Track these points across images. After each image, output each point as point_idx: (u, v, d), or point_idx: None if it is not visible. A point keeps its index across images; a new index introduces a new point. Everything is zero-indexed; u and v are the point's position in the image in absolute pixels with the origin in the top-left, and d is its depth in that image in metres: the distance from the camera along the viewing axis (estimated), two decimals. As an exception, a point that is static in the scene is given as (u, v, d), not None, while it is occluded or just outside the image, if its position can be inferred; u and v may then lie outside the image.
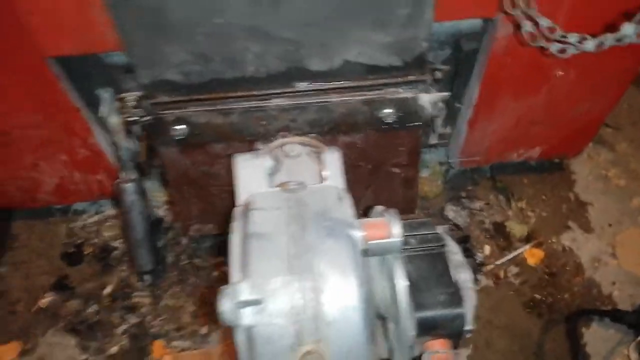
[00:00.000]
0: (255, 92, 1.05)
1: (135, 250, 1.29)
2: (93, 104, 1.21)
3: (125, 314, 1.41)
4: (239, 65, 1.00)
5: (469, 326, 0.80)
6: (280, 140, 1.09)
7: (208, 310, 1.40)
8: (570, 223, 1.53)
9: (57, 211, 1.59)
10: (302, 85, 1.05)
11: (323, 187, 0.85)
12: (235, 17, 0.90)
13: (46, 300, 1.43)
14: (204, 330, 1.38)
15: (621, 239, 1.48)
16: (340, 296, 0.69)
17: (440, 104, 1.08)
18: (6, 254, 1.51)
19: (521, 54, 1.10)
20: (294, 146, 1.05)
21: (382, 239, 0.73)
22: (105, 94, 1.20)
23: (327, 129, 1.10)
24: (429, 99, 1.07)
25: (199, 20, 0.90)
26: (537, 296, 1.40)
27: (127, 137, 1.21)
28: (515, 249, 1.46)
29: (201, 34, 0.92)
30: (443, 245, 0.85)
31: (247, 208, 0.79)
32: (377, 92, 1.06)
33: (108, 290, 1.45)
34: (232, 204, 1.21)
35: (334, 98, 1.06)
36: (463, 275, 0.84)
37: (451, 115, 1.33)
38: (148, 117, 1.06)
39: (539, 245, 1.47)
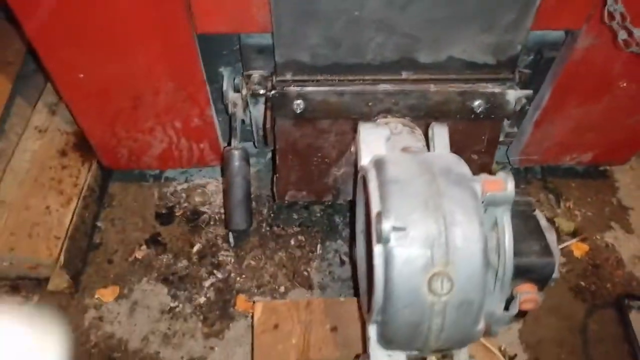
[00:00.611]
0: (368, 77, 1.24)
1: (234, 210, 1.46)
2: (212, 79, 1.41)
3: (211, 270, 1.57)
4: (361, 52, 1.18)
5: (556, 274, 0.97)
6: (383, 120, 1.27)
7: (286, 271, 1.57)
8: (613, 224, 1.70)
9: (151, 177, 1.77)
10: (408, 74, 1.23)
11: (440, 152, 1.03)
12: (371, 11, 1.09)
13: (141, 252, 1.60)
14: (282, 289, 1.54)
15: (659, 240, 1.64)
16: (465, 230, 0.86)
17: (524, 100, 1.26)
18: (104, 211, 1.69)
19: (594, 64, 1.29)
20: (397, 124, 1.23)
21: (497, 192, 0.90)
22: (227, 72, 1.39)
23: (423, 114, 1.27)
24: (514, 95, 1.25)
25: (342, 10, 1.08)
26: (582, 283, 1.57)
27: (244, 111, 1.40)
28: (563, 242, 1.63)
29: (340, 23, 1.11)
30: (534, 210, 1.03)
31: (380, 163, 0.97)
32: (470, 85, 1.24)
33: (196, 248, 1.62)
34: (327, 175, 1.40)
35: (434, 87, 1.24)
36: (549, 235, 1.01)
37: (519, 117, 1.51)
38: (274, 92, 1.24)
39: (584, 240, 1.64)
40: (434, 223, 0.86)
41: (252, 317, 1.37)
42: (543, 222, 1.04)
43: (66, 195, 1.53)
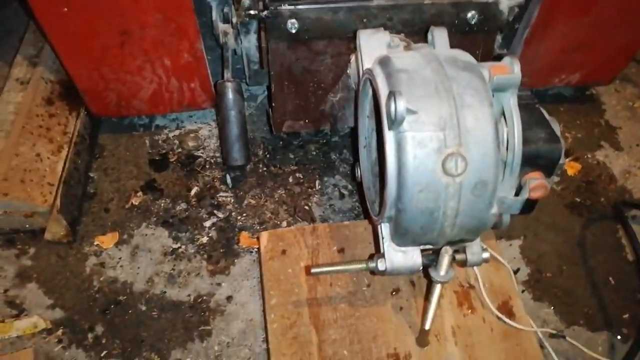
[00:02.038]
0: (360, -8, 1.23)
1: (231, 145, 1.44)
2: (199, 12, 1.37)
3: (211, 211, 1.56)
4: (353, -36, 1.17)
5: (562, 160, 0.99)
6: (378, 37, 1.26)
7: (287, 207, 1.56)
8: (603, 143, 1.73)
9: (141, 126, 1.74)
10: (401, -13, 1.23)
11: (441, 48, 1.03)
12: None
13: (137, 199, 1.58)
14: (284, 224, 1.54)
15: (648, 155, 1.69)
16: (476, 110, 0.87)
17: (516, 10, 1.26)
18: (95, 162, 1.65)
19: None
20: (394, 38, 1.22)
21: (505, 75, 0.91)
22: (215, 1, 1.36)
23: (417, 29, 1.27)
24: (507, 4, 1.25)
25: None
26: (577, 199, 1.60)
27: (235, 40, 1.37)
28: (556, 162, 1.66)
29: None
30: (536, 102, 1.04)
31: (384, 59, 0.96)
32: (463, -5, 1.24)
33: (194, 191, 1.60)
34: (324, 102, 1.39)
35: (427, 0, 1.24)
36: (553, 124, 1.02)
37: (508, 38, 1.52)
38: (266, 11, 1.22)
39: (576, 159, 1.67)
40: (445, 105, 0.86)
41: (259, 247, 1.36)
42: (546, 114, 1.05)
43: (56, 143, 1.49)
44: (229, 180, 1.62)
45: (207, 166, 1.65)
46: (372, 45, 1.08)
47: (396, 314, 1.23)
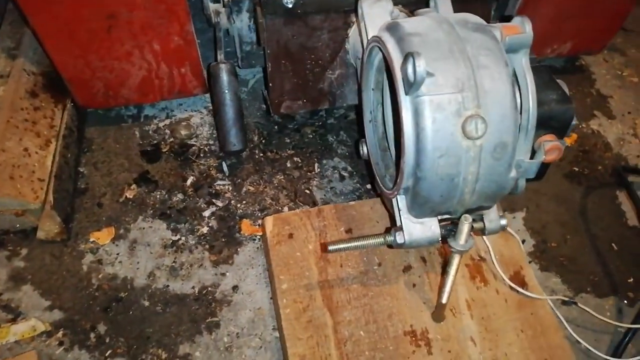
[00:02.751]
0: (356, -37, 1.20)
1: (227, 130, 1.40)
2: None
3: (210, 200, 1.51)
4: None
5: (574, 120, 0.98)
6: (376, 9, 1.24)
7: (287, 192, 1.53)
8: (596, 112, 1.74)
9: (129, 117, 1.68)
10: (397, -43, 1.20)
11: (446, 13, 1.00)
12: None
13: (132, 192, 1.52)
14: (285, 209, 1.50)
15: (640, 122, 1.71)
16: (492, 71, 0.85)
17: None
18: (84, 156, 1.59)
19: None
20: (394, 9, 1.19)
21: (517, 35, 0.89)
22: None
23: (415, 0, 1.25)
24: (501, -28, 1.24)
25: None
26: (575, 169, 1.61)
27: (228, 19, 1.32)
28: (552, 133, 1.66)
29: None
30: (546, 65, 1.03)
31: (393, 24, 0.93)
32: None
33: (190, 181, 1.55)
34: (322, 79, 1.36)
35: (423, -31, 1.22)
36: (563, 86, 1.01)
37: (501, 8, 1.52)
38: (261, -14, 1.18)
39: (572, 129, 1.68)
40: (461, 67, 0.84)
41: (263, 232, 1.33)
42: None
43: (43, 137, 1.42)
44: (225, 168, 1.58)
45: (202, 155, 1.60)
46: (375, 13, 1.05)
47: (409, 291, 1.21)
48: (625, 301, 1.39)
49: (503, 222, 0.99)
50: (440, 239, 0.98)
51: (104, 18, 1.27)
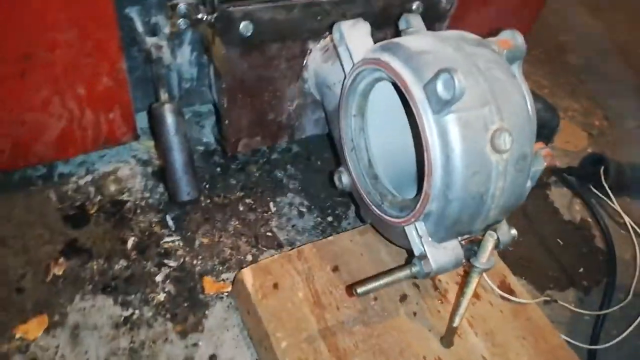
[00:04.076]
0: (311, -12, 1.15)
1: (179, 177, 1.23)
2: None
3: (160, 261, 1.30)
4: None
5: (559, 125, 1.02)
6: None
7: (247, 238, 1.39)
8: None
9: (38, 178, 1.40)
10: (350, -19, 1.18)
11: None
12: None
13: (60, 267, 1.25)
14: (249, 257, 1.36)
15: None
16: (506, 83, 0.84)
17: (453, -1, 1.30)
18: (-16, 233, 1.28)
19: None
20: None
21: (512, 47, 0.91)
22: (135, 12, 1.16)
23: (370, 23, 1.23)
24: (444, -6, 1.29)
25: None
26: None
27: (172, 53, 1.18)
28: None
29: None
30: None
31: (391, 45, 0.89)
32: (406, -13, 1.24)
33: (131, 243, 1.33)
34: (280, 112, 1.27)
35: (375, -8, 1.21)
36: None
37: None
38: (216, 14, 1.06)
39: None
40: (480, 81, 0.82)
41: (240, 287, 1.17)
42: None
43: None
44: (170, 222, 1.38)
45: (139, 210, 1.39)
46: (356, 36, 1.00)
47: (412, 321, 1.15)
48: (582, 291, 1.49)
49: (513, 232, 0.99)
50: (464, 260, 0.94)
51: (16, 60, 1.04)
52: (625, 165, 1.70)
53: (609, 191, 1.61)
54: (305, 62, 1.22)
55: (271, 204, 1.48)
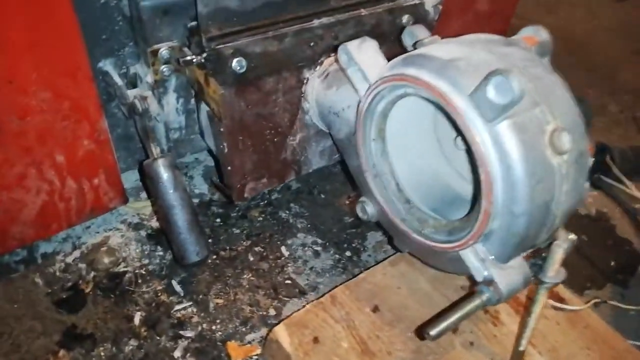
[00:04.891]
0: (301, 14, 1.06)
1: (185, 236, 1.10)
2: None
3: (175, 334, 1.16)
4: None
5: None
6: (332, 59, 1.11)
7: (265, 291, 1.25)
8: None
9: (18, 263, 1.23)
10: (337, 3, 1.10)
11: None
12: None
13: (61, 361, 1.09)
14: (272, 311, 1.23)
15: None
16: (547, 80, 0.77)
17: (439, 7, 1.25)
18: (-35, 338, 1.10)
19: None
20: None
21: (538, 43, 0.84)
22: (110, 64, 1.05)
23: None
24: (431, 3, 1.23)
25: None
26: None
27: (159, 103, 1.07)
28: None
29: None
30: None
31: (416, 56, 0.81)
32: (395, 2, 1.17)
33: (138, 319, 1.17)
34: (283, 149, 1.16)
35: (365, 11, 1.13)
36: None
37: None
38: (205, 54, 0.96)
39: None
40: (527, 81, 0.74)
41: (275, 347, 1.04)
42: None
43: None
44: (178, 287, 1.24)
45: (140, 280, 1.24)
46: (367, 54, 0.91)
47: (471, 351, 1.04)
48: (620, 285, 1.43)
49: (572, 236, 0.90)
50: (532, 277, 0.85)
51: (-17, 135, 0.90)
52: (627, 150, 1.67)
53: (623, 177, 1.57)
54: (303, 92, 1.13)
55: (283, 249, 1.36)
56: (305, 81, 1.12)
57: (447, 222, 0.90)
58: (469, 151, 0.75)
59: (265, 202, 1.48)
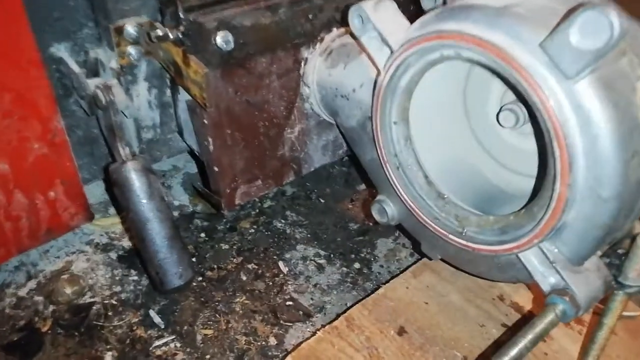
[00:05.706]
0: (297, -20, 0.89)
1: (165, 257, 0.89)
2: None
3: (157, 376, 0.95)
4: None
5: None
6: (334, 33, 0.94)
7: (263, 315, 1.05)
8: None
9: (-42, 301, 1.00)
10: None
11: None
12: None
13: (13, 423, 0.86)
14: (272, 340, 1.02)
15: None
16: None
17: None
18: None
19: None
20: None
21: None
22: (64, 50, 0.85)
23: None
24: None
25: None
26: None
27: (127, 93, 0.87)
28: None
29: None
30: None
31: (456, 9, 0.64)
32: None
33: (110, 358, 0.96)
34: (280, 144, 0.98)
35: (368, -22, 0.97)
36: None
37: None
38: (182, 27, 0.77)
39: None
40: (626, 17, 0.58)
41: (284, 388, 0.84)
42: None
43: None
44: (157, 318, 1.03)
45: (111, 312, 1.03)
46: (387, 15, 0.74)
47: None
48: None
49: (645, 229, 0.74)
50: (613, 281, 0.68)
51: None
52: None
53: None
54: (302, 74, 0.95)
55: (280, 264, 1.17)
56: (304, 61, 0.94)
57: (497, 218, 0.72)
58: (535, 123, 0.58)
59: (257, 211, 1.28)
